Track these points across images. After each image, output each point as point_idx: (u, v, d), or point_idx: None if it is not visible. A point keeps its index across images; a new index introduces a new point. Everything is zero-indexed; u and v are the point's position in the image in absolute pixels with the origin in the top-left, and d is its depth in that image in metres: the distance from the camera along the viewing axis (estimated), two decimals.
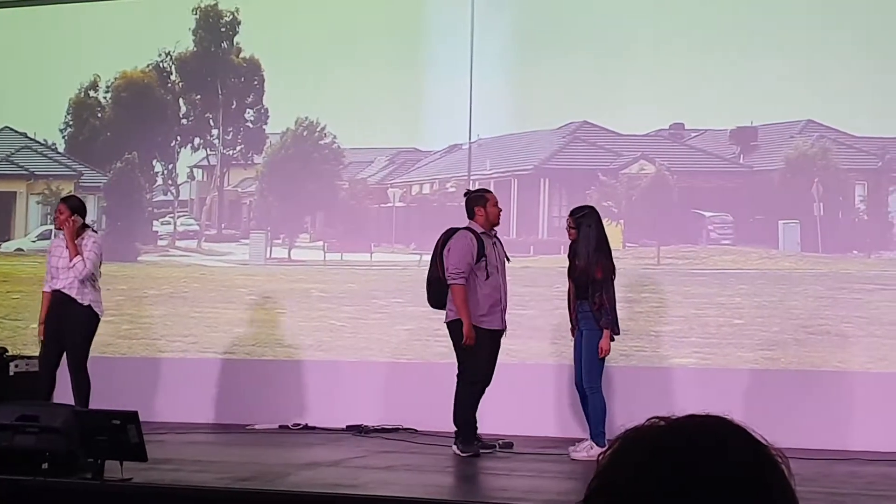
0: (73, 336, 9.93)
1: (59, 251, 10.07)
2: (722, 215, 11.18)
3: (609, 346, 9.17)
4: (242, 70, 12.82)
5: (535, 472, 8.76)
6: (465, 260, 9.39)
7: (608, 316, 9.15)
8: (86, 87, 13.23)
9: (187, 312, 12.44)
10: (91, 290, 9.99)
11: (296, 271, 12.40)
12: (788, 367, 10.46)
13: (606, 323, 9.14)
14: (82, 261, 9.90)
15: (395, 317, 11.72)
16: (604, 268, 9.17)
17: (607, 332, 9.16)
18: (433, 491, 7.82)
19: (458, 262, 9.40)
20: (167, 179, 13.09)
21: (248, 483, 7.89)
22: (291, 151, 12.61)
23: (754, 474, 1.41)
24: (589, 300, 9.15)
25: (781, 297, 10.68)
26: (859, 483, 8.29)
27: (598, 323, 9.14)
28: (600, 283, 9.14)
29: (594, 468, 1.51)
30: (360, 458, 9.37)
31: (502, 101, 11.80)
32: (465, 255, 9.41)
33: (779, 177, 10.99)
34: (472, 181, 11.77)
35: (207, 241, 12.93)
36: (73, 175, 13.33)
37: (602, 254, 9.22)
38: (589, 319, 9.17)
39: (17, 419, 8.06)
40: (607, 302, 9.15)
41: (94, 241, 10.03)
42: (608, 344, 9.16)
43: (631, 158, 11.45)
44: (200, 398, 11.87)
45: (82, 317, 9.93)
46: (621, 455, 1.47)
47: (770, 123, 11.03)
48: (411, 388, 11.28)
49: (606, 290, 9.16)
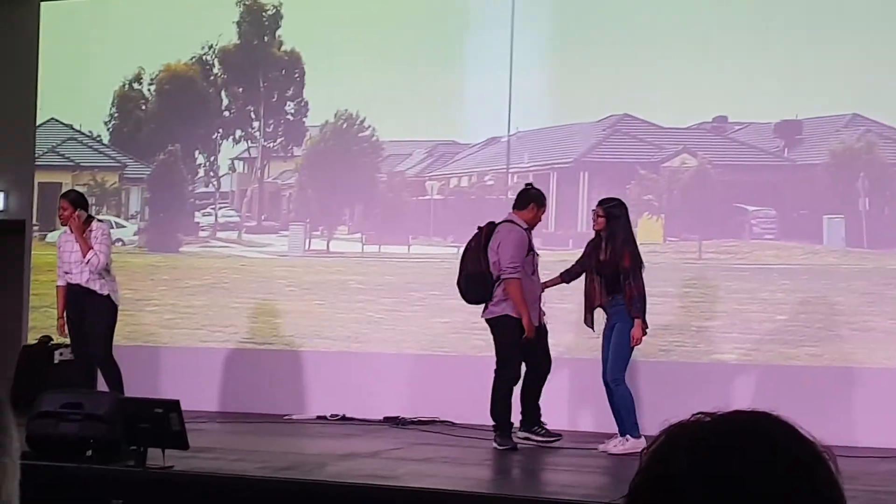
0: (96, 328, 10.00)
1: (70, 245, 10.09)
2: (765, 210, 11.10)
3: (640, 335, 9.07)
4: (284, 63, 12.86)
5: (573, 467, 8.74)
6: (520, 254, 9.30)
7: (639, 304, 9.07)
8: (130, 80, 13.31)
9: (228, 303, 12.50)
10: (108, 280, 10.06)
11: (334, 263, 12.43)
12: (832, 364, 10.38)
13: (638, 311, 9.05)
14: (96, 255, 9.95)
15: (433, 309, 11.73)
16: (631, 255, 9.09)
17: (639, 322, 9.05)
18: (470, 484, 7.83)
19: (515, 256, 9.28)
20: (209, 171, 13.15)
21: (287, 472, 7.93)
22: (331, 144, 12.64)
23: (801, 471, 1.41)
24: (621, 291, 9.08)
25: (825, 293, 10.60)
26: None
27: (630, 314, 9.07)
28: (629, 270, 9.06)
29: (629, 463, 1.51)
30: (398, 449, 9.39)
31: (541, 93, 11.77)
32: (520, 248, 9.32)
33: (823, 171, 10.90)
34: (511, 174, 11.76)
35: (248, 232, 12.98)
36: (118, 166, 13.42)
37: (629, 244, 9.16)
38: (620, 313, 9.10)
39: (61, 406, 8.14)
40: (636, 290, 9.06)
41: (102, 232, 10.07)
42: (640, 332, 9.05)
43: (673, 152, 11.39)
44: (240, 388, 11.94)
45: (103, 308, 10.00)
46: (666, 450, 1.46)
47: (815, 117, 10.93)
48: (448, 381, 11.28)
49: (636, 278, 9.08)
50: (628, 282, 9.04)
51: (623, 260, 9.05)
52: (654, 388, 10.03)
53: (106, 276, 10.04)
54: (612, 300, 9.16)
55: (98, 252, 9.94)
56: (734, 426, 1.45)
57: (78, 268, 10.01)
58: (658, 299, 10.56)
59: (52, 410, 8.14)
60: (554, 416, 9.82)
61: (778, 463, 1.40)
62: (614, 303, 9.14)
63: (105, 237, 10.06)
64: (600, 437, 9.39)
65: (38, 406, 8.23)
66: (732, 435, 1.44)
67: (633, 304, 9.03)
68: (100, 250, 9.95)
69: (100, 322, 9.99)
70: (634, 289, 9.05)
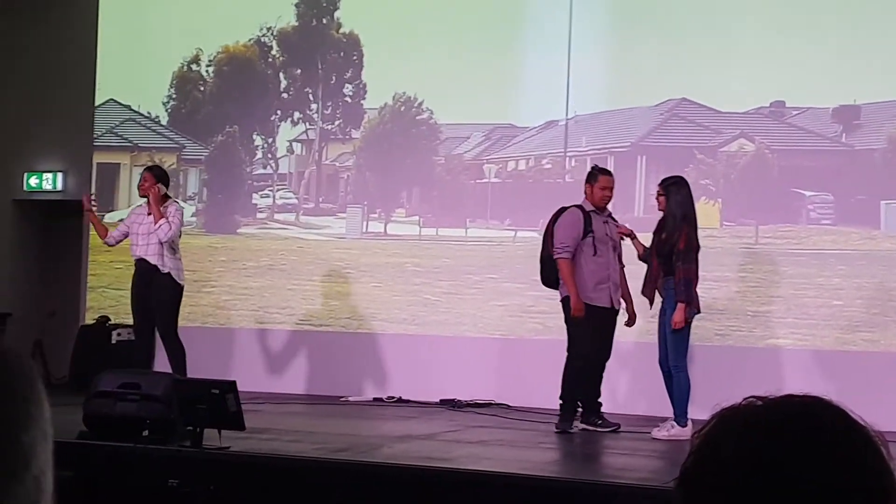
0: (159, 305, 10.11)
1: (141, 218, 10.24)
2: (822, 195, 11.02)
3: (682, 318, 8.96)
4: (342, 45, 12.89)
5: (627, 451, 8.73)
6: (570, 235, 9.34)
7: (684, 288, 9.00)
8: (188, 61, 13.39)
9: (284, 284, 12.57)
10: (171, 258, 10.15)
11: (391, 245, 12.47)
12: (889, 350, 10.30)
13: (682, 295, 8.97)
14: (167, 223, 10.05)
15: (489, 292, 11.74)
16: (687, 238, 9.00)
17: (682, 306, 8.95)
18: (525, 467, 7.83)
19: (564, 237, 9.36)
20: (267, 153, 13.22)
21: (343, 454, 7.96)
22: (389, 126, 12.66)
23: (852, 456, 1.41)
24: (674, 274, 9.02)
25: (882, 279, 10.52)
26: None
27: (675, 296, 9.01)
28: (682, 253, 8.98)
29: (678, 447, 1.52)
30: (453, 432, 9.41)
31: (599, 77, 11.73)
32: (571, 230, 9.36)
33: (881, 156, 10.80)
34: (568, 158, 11.74)
35: (305, 214, 13.04)
36: (176, 147, 13.52)
37: (687, 224, 9.06)
38: (672, 298, 9.04)
39: (118, 386, 8.22)
40: (684, 274, 9.00)
41: (176, 209, 10.21)
42: (681, 317, 8.94)
43: (730, 136, 11.33)
44: (296, 369, 12.01)
45: (165, 285, 10.10)
46: (717, 433, 1.47)
47: (873, 102, 10.82)
48: (505, 364, 11.30)
49: (687, 261, 8.99)
50: (679, 264, 8.98)
51: (679, 242, 8.99)
52: (709, 372, 9.98)
53: (169, 254, 10.13)
54: (666, 282, 9.10)
55: (170, 222, 10.06)
56: (785, 410, 1.46)
57: (144, 240, 10.13)
58: (714, 284, 10.54)
59: (109, 390, 8.22)
60: (611, 399, 9.82)
61: (828, 448, 1.41)
62: (668, 286, 9.09)
63: (178, 214, 10.19)
64: (656, 421, 9.37)
65: (96, 386, 8.31)
66: (783, 419, 1.44)
67: (679, 287, 8.96)
68: (172, 221, 10.07)
69: (163, 300, 10.09)
70: (683, 272, 8.96)
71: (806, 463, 1.39)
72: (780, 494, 1.39)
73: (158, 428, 7.95)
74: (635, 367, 10.41)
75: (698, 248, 9.09)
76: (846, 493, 1.39)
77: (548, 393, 9.50)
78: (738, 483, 1.41)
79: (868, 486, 1.41)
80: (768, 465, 1.40)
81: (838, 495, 1.39)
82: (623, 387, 10.53)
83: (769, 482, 1.39)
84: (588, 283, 9.32)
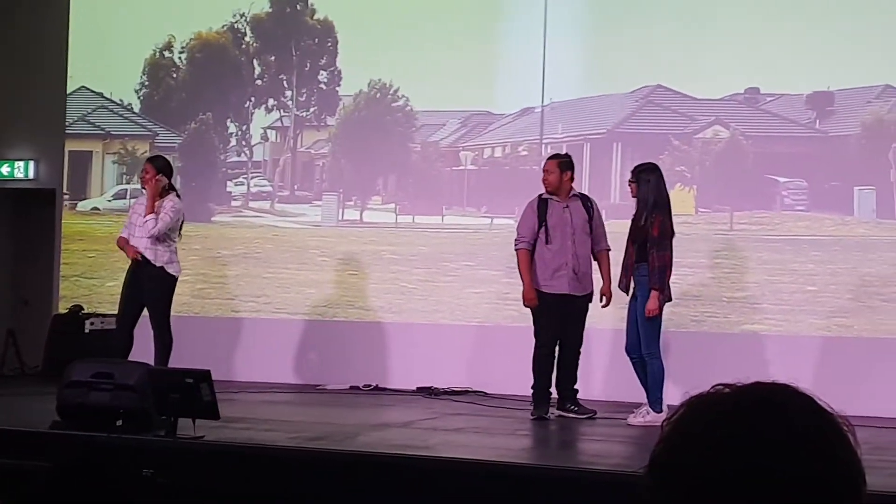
0: (151, 296, 10.07)
1: (140, 209, 10.20)
2: (796, 181, 11.06)
3: (656, 306, 8.99)
4: (316, 32, 12.85)
5: (603, 437, 8.76)
6: (525, 226, 9.52)
7: (658, 275, 9.00)
8: (161, 48, 13.32)
9: (260, 273, 12.54)
10: (165, 251, 10.09)
11: (367, 233, 12.45)
12: (862, 335, 10.34)
13: (657, 283, 8.97)
14: (154, 219, 10.00)
15: (466, 280, 11.74)
16: (661, 224, 9.02)
17: (655, 293, 8.97)
18: (502, 454, 7.85)
19: (520, 229, 9.58)
20: (241, 140, 13.17)
21: (319, 443, 7.96)
22: (364, 113, 12.63)
23: (818, 442, 1.41)
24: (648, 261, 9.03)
25: (855, 265, 10.56)
26: None
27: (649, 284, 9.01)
28: (656, 240, 8.98)
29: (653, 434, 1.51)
30: (430, 419, 9.42)
31: (575, 64, 11.73)
32: (525, 221, 9.54)
33: (855, 142, 10.84)
34: (545, 145, 11.74)
35: (280, 202, 13.01)
36: (149, 135, 13.46)
37: (660, 211, 9.07)
38: (645, 285, 9.04)
39: (92, 376, 8.19)
40: (658, 261, 9.00)
41: (172, 206, 10.11)
42: (655, 304, 8.97)
43: (705, 123, 11.35)
44: (272, 358, 11.98)
45: (157, 277, 10.05)
46: (685, 421, 1.47)
47: (847, 88, 10.86)
48: (481, 351, 11.31)
49: (661, 248, 9.00)
50: (653, 251, 8.99)
51: (653, 228, 9.00)
52: (685, 358, 10.01)
53: (163, 247, 10.06)
54: (638, 269, 9.12)
55: (158, 219, 10.00)
56: (753, 398, 1.45)
57: (140, 232, 10.09)
58: (689, 270, 10.57)
59: (82, 380, 8.19)
60: (588, 385, 9.85)
61: (795, 434, 1.41)
62: (641, 273, 9.10)
63: (172, 210, 10.07)
64: (633, 407, 9.39)
65: (69, 375, 8.29)
66: (751, 407, 1.44)
67: (654, 274, 8.97)
68: (161, 218, 10.00)
69: (154, 292, 10.05)
70: (658, 259, 8.98)
71: (773, 450, 1.39)
72: (747, 482, 1.38)
73: (132, 418, 7.92)
74: (612, 353, 10.42)
75: (672, 234, 9.10)
76: (813, 479, 1.39)
77: (524, 380, 9.51)
78: (706, 470, 1.41)
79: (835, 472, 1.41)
80: (735, 453, 1.40)
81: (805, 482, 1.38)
82: (600, 373, 10.54)
83: (737, 469, 1.39)
84: (544, 272, 9.38)
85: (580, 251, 9.44)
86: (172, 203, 10.13)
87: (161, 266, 10.05)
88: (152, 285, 10.04)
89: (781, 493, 1.37)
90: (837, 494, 1.40)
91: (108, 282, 12.53)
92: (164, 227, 10.01)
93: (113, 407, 7.99)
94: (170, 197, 10.18)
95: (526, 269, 9.43)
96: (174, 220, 10.08)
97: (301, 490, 7.23)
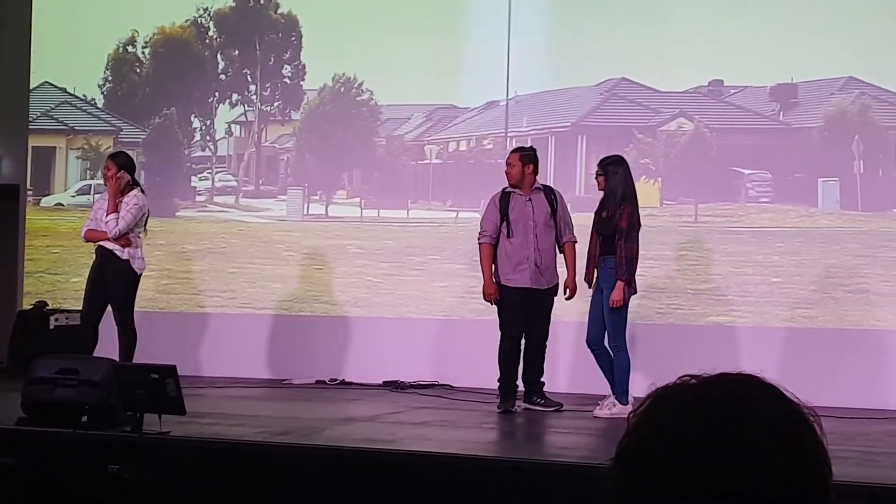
0: (115, 291, 10.02)
1: (105, 204, 10.14)
2: (761, 173, 11.11)
3: (621, 297, 9.01)
4: (280, 26, 12.81)
5: (569, 430, 8.78)
6: (487, 220, 9.55)
7: (626, 267, 9.02)
8: (124, 43, 13.24)
9: (225, 268, 12.50)
10: (129, 247, 10.03)
11: (333, 227, 12.43)
12: (826, 326, 10.41)
13: (624, 274, 9.00)
14: (115, 219, 9.95)
15: (432, 273, 11.74)
16: (629, 216, 9.05)
17: (621, 284, 8.98)
18: (468, 447, 7.86)
19: (482, 224, 9.60)
20: (205, 135, 13.12)
21: (285, 437, 7.95)
22: (329, 108, 12.61)
23: (785, 433, 1.41)
24: (614, 253, 9.05)
25: (820, 256, 10.62)
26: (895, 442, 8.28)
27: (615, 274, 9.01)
28: (625, 232, 9.01)
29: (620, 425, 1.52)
30: (396, 413, 9.42)
31: (540, 57, 11.74)
32: (487, 215, 9.58)
33: (818, 134, 10.90)
34: (510, 138, 11.75)
35: (245, 196, 12.97)
36: (113, 130, 13.38)
37: (628, 203, 9.10)
38: (610, 277, 9.07)
39: (57, 372, 8.15)
40: (626, 252, 9.01)
41: (135, 202, 10.04)
42: (620, 295, 8.99)
43: (669, 116, 11.39)
44: (238, 353, 11.94)
45: (122, 272, 10.00)
46: (652, 413, 1.47)
47: (810, 80, 10.92)
48: (447, 345, 11.31)
49: (629, 240, 9.02)
50: (620, 242, 9.02)
51: (621, 220, 9.03)
52: (651, 350, 10.04)
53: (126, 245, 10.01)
54: (604, 261, 9.14)
55: (120, 217, 9.94)
56: (719, 389, 1.46)
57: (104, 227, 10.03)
58: (654, 262, 10.60)
59: (47, 376, 8.15)
60: (554, 378, 9.87)
61: (762, 425, 1.41)
62: (607, 265, 9.12)
63: (135, 208, 10.00)
64: (597, 400, 9.42)
65: (34, 372, 8.24)
66: (717, 398, 1.44)
67: (621, 265, 9.00)
68: (122, 217, 9.94)
69: (118, 286, 10.00)
70: (625, 250, 9.01)
71: (740, 441, 1.39)
72: (714, 473, 1.39)
73: (98, 413, 7.88)
74: (577, 346, 10.43)
75: (639, 226, 9.13)
76: (780, 470, 1.39)
77: (490, 373, 9.52)
78: (673, 461, 1.41)
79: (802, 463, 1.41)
80: (702, 444, 1.40)
81: (773, 472, 1.39)
82: (565, 366, 10.56)
83: (703, 460, 1.39)
84: (506, 266, 9.41)
85: (542, 245, 9.45)
86: (136, 200, 10.07)
87: (126, 260, 10.00)
88: (117, 278, 9.99)
89: (748, 484, 1.38)
90: (805, 485, 1.40)
91: (73, 277, 12.46)
92: (125, 226, 9.96)
93: (78, 403, 7.95)
94: (133, 193, 10.12)
95: (487, 263, 9.47)
96: (136, 217, 10.03)
97: (268, 485, 7.21)
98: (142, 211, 10.07)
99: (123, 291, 10.02)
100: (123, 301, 10.01)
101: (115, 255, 9.99)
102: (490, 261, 9.45)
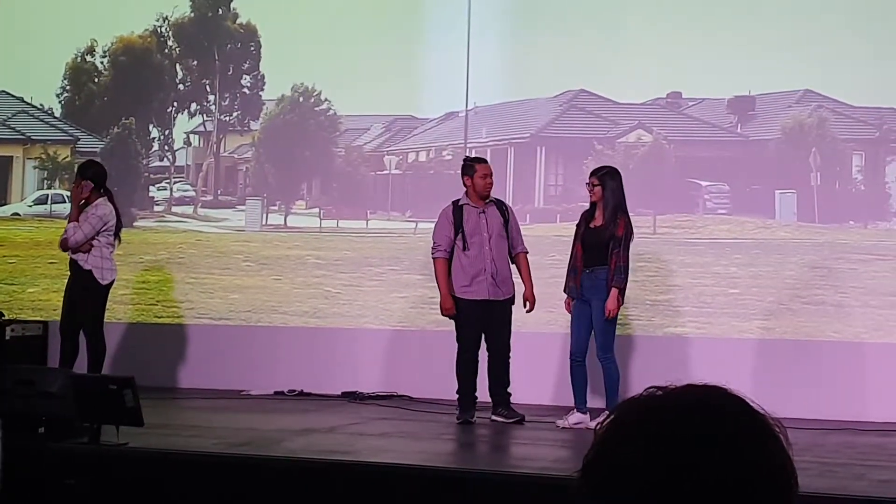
0: (81, 303, 9.97)
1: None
2: (718, 185, 11.17)
3: (616, 306, 9.05)
4: (239, 36, 12.78)
5: (529, 440, 8.78)
6: (440, 234, 9.51)
7: (622, 276, 9.05)
8: (82, 52, 13.16)
9: (183, 278, 12.43)
10: (92, 257, 9.97)
11: (291, 238, 12.40)
12: (783, 337, 10.46)
13: (619, 282, 9.04)
14: (74, 230, 9.89)
15: (391, 284, 11.73)
16: (626, 226, 9.09)
17: (615, 292, 9.03)
18: (428, 458, 7.85)
19: (436, 238, 9.56)
20: (163, 145, 13.06)
21: (243, 448, 7.91)
22: (288, 118, 12.59)
23: (752, 444, 1.42)
24: (603, 264, 9.06)
25: (777, 267, 10.69)
26: (852, 453, 8.33)
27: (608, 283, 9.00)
28: (622, 240, 9.05)
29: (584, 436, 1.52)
30: (355, 424, 9.39)
31: (499, 68, 11.76)
32: (440, 230, 9.53)
33: (776, 146, 10.98)
34: (469, 149, 11.76)
35: (203, 207, 12.92)
36: (70, 140, 13.30)
37: (623, 213, 9.15)
38: (600, 289, 9.05)
39: (13, 383, 8.07)
40: (623, 261, 9.04)
41: (95, 214, 9.97)
42: (615, 304, 9.04)
43: (628, 127, 11.44)
44: (196, 364, 11.88)
45: (85, 282, 9.95)
46: (619, 424, 1.47)
47: (768, 93, 11.01)
48: (406, 356, 11.29)
49: (625, 249, 9.06)
50: (617, 251, 9.03)
51: (617, 229, 9.05)
52: None
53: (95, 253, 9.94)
54: (594, 272, 9.14)
55: (78, 227, 9.88)
56: (685, 401, 1.46)
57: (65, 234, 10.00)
58: None
59: (3, 387, 8.07)
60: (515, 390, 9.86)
61: (729, 437, 1.42)
62: (597, 276, 9.13)
63: (95, 219, 9.91)
64: (558, 411, 9.43)
65: None
66: (683, 409, 1.45)
67: (618, 273, 9.02)
68: (81, 227, 9.88)
69: (84, 297, 9.94)
70: (623, 259, 9.04)
71: (706, 452, 1.40)
72: (682, 485, 1.39)
73: (55, 425, 7.82)
74: (538, 357, 10.45)
75: (633, 233, 9.18)
76: (747, 481, 1.40)
77: (449, 384, 9.51)
78: (640, 472, 1.41)
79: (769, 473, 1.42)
80: (669, 455, 1.41)
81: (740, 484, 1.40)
82: (526, 377, 10.56)
83: (671, 473, 1.40)
84: (463, 279, 9.40)
85: (497, 256, 9.45)
86: (96, 211, 10.00)
87: (89, 270, 9.94)
88: (82, 290, 9.95)
89: (715, 495, 1.38)
90: (770, 495, 1.41)
91: (29, 288, 12.38)
92: (83, 237, 9.89)
93: (35, 414, 7.88)
94: (97, 202, 10.05)
95: (443, 278, 9.44)
96: (95, 227, 9.95)
97: (226, 496, 7.18)
98: (103, 221, 9.99)
99: (89, 304, 9.96)
100: (89, 312, 9.95)
101: (80, 265, 9.95)
102: (446, 275, 9.43)
